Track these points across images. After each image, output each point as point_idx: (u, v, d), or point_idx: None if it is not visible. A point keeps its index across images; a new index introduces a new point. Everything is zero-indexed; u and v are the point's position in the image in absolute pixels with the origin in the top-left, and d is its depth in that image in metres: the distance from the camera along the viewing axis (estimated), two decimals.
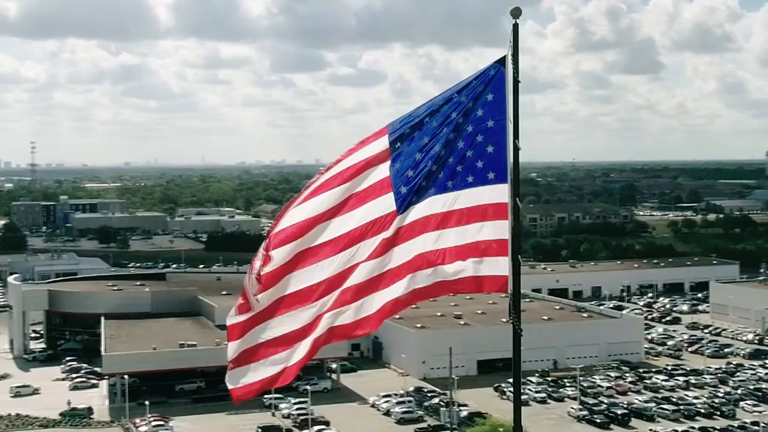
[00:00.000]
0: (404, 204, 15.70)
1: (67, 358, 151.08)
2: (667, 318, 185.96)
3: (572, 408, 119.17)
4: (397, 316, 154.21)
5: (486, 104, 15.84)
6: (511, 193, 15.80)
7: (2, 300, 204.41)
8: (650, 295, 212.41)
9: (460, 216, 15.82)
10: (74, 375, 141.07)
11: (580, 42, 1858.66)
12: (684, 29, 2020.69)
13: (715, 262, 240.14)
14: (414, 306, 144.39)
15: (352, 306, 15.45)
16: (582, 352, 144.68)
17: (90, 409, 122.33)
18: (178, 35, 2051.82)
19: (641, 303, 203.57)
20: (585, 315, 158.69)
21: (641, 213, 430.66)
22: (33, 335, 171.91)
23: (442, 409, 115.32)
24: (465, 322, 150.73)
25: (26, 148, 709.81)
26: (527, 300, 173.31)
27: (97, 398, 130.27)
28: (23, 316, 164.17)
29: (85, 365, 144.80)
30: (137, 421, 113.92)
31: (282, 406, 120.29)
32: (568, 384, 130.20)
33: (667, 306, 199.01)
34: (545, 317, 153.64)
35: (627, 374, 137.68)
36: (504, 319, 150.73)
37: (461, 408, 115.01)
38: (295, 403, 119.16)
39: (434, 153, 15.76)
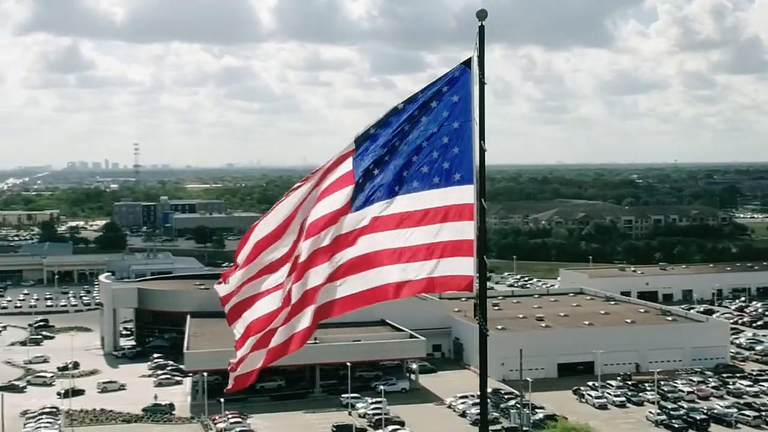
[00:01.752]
0: (368, 202, 16.07)
1: (154, 355, 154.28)
2: (758, 322, 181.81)
3: (650, 412, 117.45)
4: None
5: (452, 106, 16.07)
6: (477, 194, 16.03)
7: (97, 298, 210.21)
8: (742, 298, 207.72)
9: (426, 216, 16.06)
10: (160, 372, 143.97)
11: (684, 41, 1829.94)
12: None
13: None
14: (497, 308, 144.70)
15: (322, 289, 15.86)
16: (665, 356, 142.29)
17: (171, 405, 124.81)
18: (279, 38, 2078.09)
19: (733, 307, 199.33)
20: (669, 318, 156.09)
21: (741, 215, 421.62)
22: (124, 332, 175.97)
23: (511, 411, 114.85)
24: (546, 325, 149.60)
25: (132, 150, 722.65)
26: (612, 303, 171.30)
27: (180, 395, 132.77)
28: (114, 313, 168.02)
29: (171, 362, 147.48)
30: (216, 417, 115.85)
31: (359, 405, 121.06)
32: (648, 388, 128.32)
33: (759, 310, 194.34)
34: (628, 320, 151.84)
35: (710, 379, 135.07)
36: (587, 322, 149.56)
37: (536, 410, 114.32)
38: (371, 403, 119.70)
39: (400, 154, 16.04)
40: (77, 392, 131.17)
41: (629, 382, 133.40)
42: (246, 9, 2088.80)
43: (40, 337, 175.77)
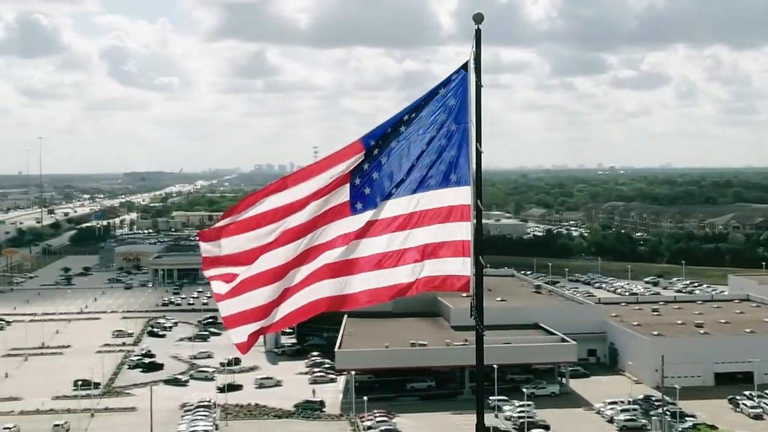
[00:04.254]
0: (367, 204, 16.70)
1: (312, 353, 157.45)
2: None
3: None
4: (634, 323, 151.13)
5: (448, 109, 16.58)
6: (473, 196, 16.54)
7: None
8: None
9: (423, 217, 16.62)
10: (315, 369, 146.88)
11: None
12: None
13: None
14: (656, 313, 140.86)
15: (318, 285, 16.55)
16: None
17: (322, 402, 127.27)
18: (459, 41, 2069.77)
19: None
20: None
21: None
22: (286, 330, 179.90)
23: (653, 418, 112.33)
24: (705, 331, 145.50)
25: (312, 153, 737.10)
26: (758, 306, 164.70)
27: (333, 392, 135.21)
28: None
29: (327, 361, 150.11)
30: (363, 415, 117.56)
31: (505, 408, 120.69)
32: None
33: None
34: None
35: None
36: (748, 330, 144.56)
37: (686, 419, 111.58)
38: (518, 406, 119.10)
39: (398, 156, 16.64)
40: (235, 387, 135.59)
41: None
42: (426, 13, 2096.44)
43: (206, 333, 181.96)
